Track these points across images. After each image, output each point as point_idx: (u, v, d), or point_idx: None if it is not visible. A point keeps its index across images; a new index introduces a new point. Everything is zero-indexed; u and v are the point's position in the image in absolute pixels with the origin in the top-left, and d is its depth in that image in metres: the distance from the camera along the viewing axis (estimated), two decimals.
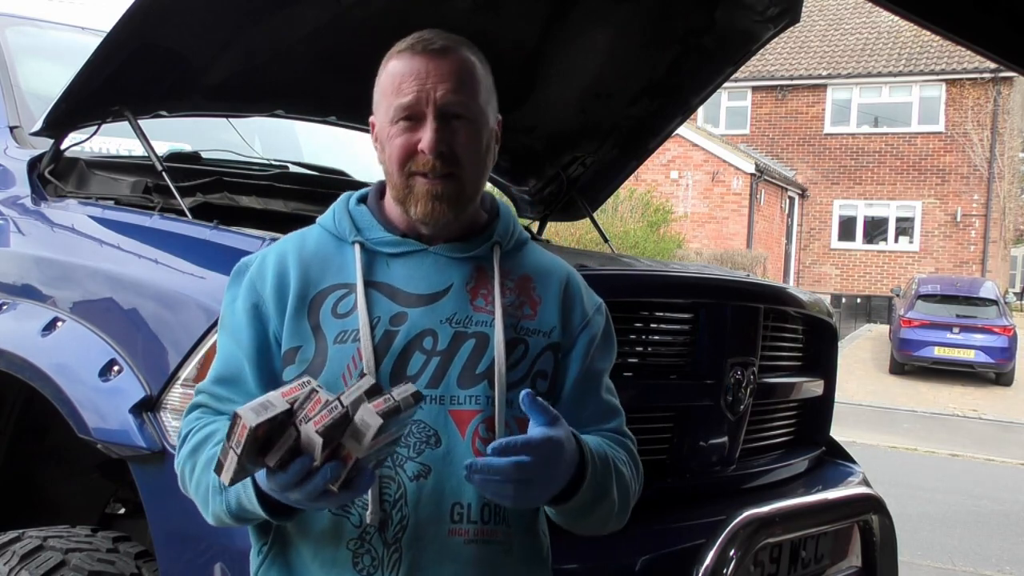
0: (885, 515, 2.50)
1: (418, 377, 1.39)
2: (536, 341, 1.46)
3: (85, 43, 2.81)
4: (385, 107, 1.45)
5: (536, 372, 1.46)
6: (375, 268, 1.45)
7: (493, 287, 1.46)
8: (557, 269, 1.55)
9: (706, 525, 2.11)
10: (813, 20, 24.94)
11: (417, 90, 1.41)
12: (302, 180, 3.16)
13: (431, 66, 1.42)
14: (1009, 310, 17.06)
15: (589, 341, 1.52)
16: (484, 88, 1.47)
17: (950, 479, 8.97)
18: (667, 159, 20.72)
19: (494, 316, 1.43)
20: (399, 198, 1.45)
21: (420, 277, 1.45)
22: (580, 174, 3.67)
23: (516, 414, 1.39)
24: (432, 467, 1.37)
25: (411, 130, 1.42)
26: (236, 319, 1.46)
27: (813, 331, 2.87)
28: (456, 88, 1.42)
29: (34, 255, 2.52)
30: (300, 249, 1.48)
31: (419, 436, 1.38)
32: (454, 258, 1.47)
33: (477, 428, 1.39)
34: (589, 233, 13.00)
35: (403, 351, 1.40)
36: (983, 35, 1.77)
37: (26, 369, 2.23)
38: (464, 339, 1.42)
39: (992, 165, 22.60)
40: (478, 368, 1.41)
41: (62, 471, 2.67)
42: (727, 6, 3.05)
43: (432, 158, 1.40)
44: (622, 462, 1.47)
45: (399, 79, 1.43)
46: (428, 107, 1.41)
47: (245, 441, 1.16)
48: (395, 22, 2.64)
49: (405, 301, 1.43)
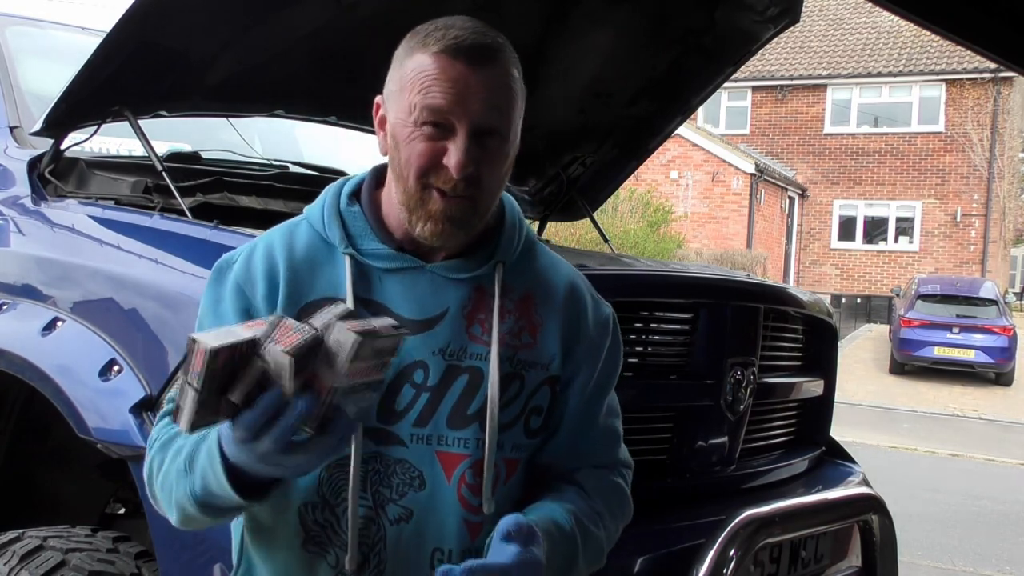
0: (885, 515, 2.50)
1: (406, 413, 1.32)
2: (533, 375, 1.37)
3: (85, 43, 2.81)
4: (407, 103, 1.28)
5: (531, 409, 1.38)
6: (367, 283, 1.34)
7: (492, 313, 1.35)
8: (562, 283, 1.44)
9: (706, 525, 2.11)
10: (813, 20, 24.94)
11: (452, 99, 1.26)
12: (302, 180, 3.16)
13: (470, 75, 1.26)
14: (1009, 310, 17.06)
15: (591, 369, 1.43)
16: (520, 101, 1.33)
17: (950, 479, 8.97)
18: (667, 159, 20.72)
19: (490, 348, 1.33)
20: (407, 205, 1.31)
21: (414, 299, 1.34)
22: (580, 174, 3.67)
23: (506, 455, 1.35)
24: (414, 511, 1.31)
25: (437, 138, 1.27)
26: (224, 322, 1.33)
27: (813, 331, 2.87)
28: (494, 103, 1.28)
29: (34, 255, 2.52)
30: (289, 252, 1.36)
31: (403, 477, 1.32)
32: (452, 279, 1.36)
33: (464, 474, 1.33)
34: (589, 233, 12.99)
35: (393, 383, 1.31)
36: (983, 35, 1.77)
37: (26, 369, 2.23)
38: (457, 373, 1.33)
39: (992, 165, 22.61)
40: (470, 408, 1.33)
41: (62, 471, 2.67)
42: (727, 6, 3.05)
43: (457, 178, 1.27)
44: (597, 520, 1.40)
45: (428, 79, 1.27)
46: (462, 121, 1.26)
47: (204, 370, 1.01)
48: (395, 22, 2.65)
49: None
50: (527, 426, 1.38)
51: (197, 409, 1.04)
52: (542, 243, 1.50)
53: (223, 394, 1.05)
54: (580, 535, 1.36)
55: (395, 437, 1.32)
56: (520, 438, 1.38)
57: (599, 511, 1.42)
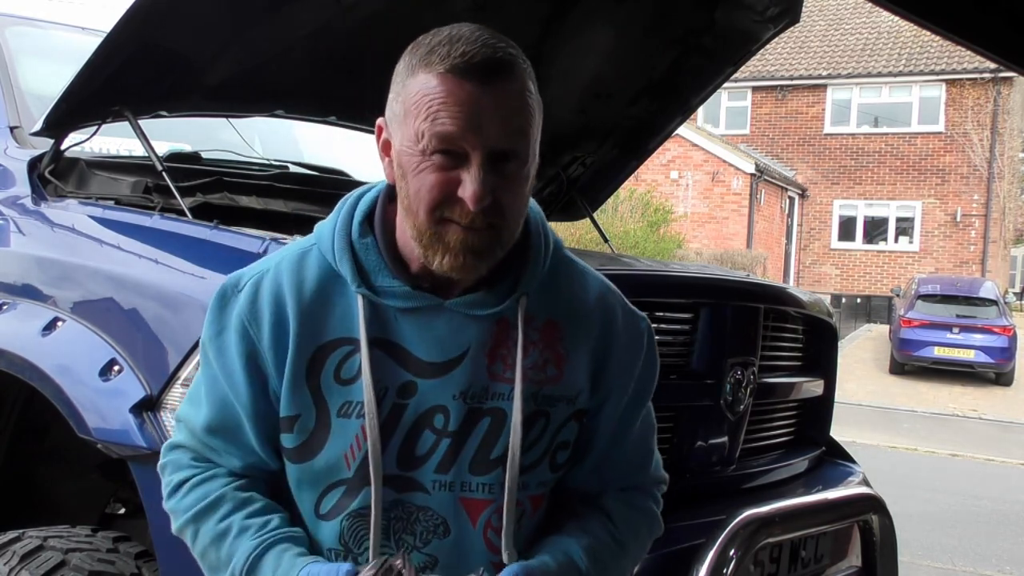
0: (885, 515, 2.50)
1: (427, 459, 1.26)
2: (559, 410, 1.30)
3: (85, 43, 2.81)
4: (413, 130, 1.17)
5: (557, 445, 1.32)
6: (382, 323, 1.26)
7: (515, 348, 1.26)
8: (591, 301, 1.34)
9: (706, 525, 2.11)
10: (813, 20, 24.94)
11: (463, 123, 1.14)
12: (302, 180, 3.16)
13: (482, 97, 1.15)
14: (1009, 310, 17.06)
15: (622, 391, 1.36)
16: (538, 116, 1.21)
17: (950, 479, 8.96)
18: (667, 159, 20.72)
19: (513, 386, 1.26)
20: (421, 241, 1.21)
21: (432, 339, 1.26)
22: (580, 174, 3.67)
23: (531, 493, 1.32)
24: (439, 558, 1.28)
25: (449, 168, 1.16)
26: (229, 363, 1.29)
27: (813, 331, 2.87)
28: (511, 125, 1.17)
29: (34, 255, 2.52)
30: (299, 287, 1.27)
31: (426, 524, 1.28)
32: (473, 315, 1.26)
33: (490, 518, 1.29)
34: (589, 233, 12.99)
35: (412, 429, 1.26)
36: (983, 35, 1.77)
37: (26, 369, 2.23)
38: (479, 416, 1.26)
39: (992, 165, 22.60)
40: (493, 453, 1.27)
41: (62, 471, 2.67)
42: (727, 6, 3.05)
43: (474, 211, 1.16)
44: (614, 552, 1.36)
45: (436, 103, 1.15)
46: (476, 148, 1.15)
47: None
48: (395, 22, 2.65)
49: (415, 368, 1.26)
50: (553, 462, 1.34)
51: None
52: (568, 253, 1.39)
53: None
54: (597, 572, 1.32)
55: (417, 484, 1.28)
56: (546, 475, 1.34)
57: (622, 541, 1.38)
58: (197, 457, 1.36)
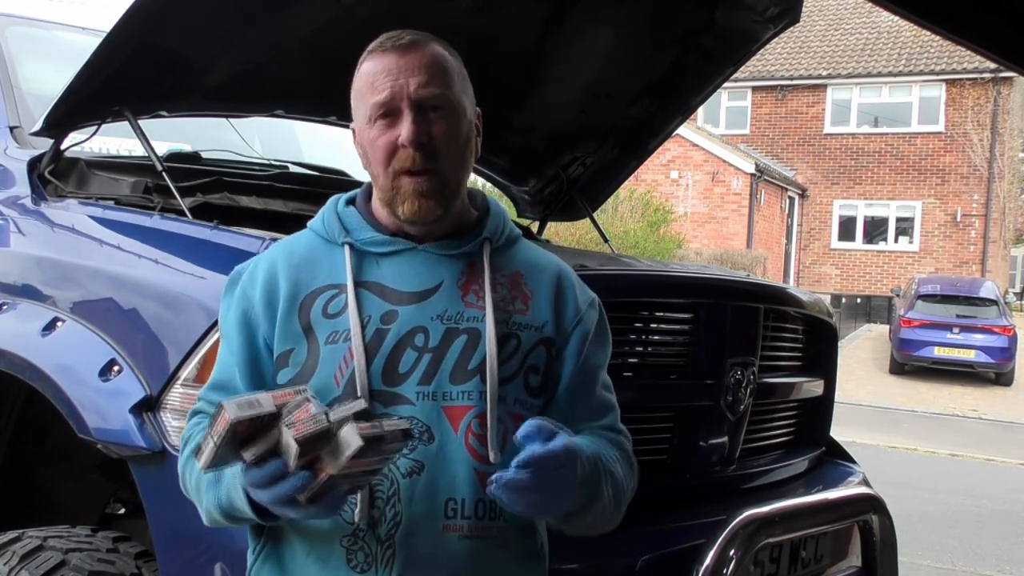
0: (885, 515, 2.50)
1: (410, 374, 1.39)
2: (528, 335, 1.46)
3: (85, 43, 2.81)
4: (363, 109, 1.44)
5: (528, 366, 1.45)
6: (365, 268, 1.45)
7: (484, 283, 1.45)
8: (548, 265, 1.55)
9: (706, 525, 2.11)
10: (813, 20, 24.94)
11: (391, 85, 1.41)
12: (302, 180, 3.16)
13: (402, 61, 1.42)
14: (1009, 310, 17.06)
15: (583, 337, 1.51)
16: (458, 78, 1.46)
17: (950, 479, 8.97)
18: (667, 159, 20.72)
19: (485, 311, 1.43)
20: (386, 200, 1.45)
21: (410, 275, 1.44)
22: (580, 174, 3.67)
23: (509, 409, 1.42)
24: (425, 463, 1.37)
25: (390, 127, 1.41)
26: (228, 327, 1.48)
27: (813, 331, 2.87)
28: (429, 80, 1.42)
29: (34, 255, 2.52)
30: (290, 254, 1.49)
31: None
32: (444, 255, 1.46)
33: (470, 424, 1.39)
34: (589, 233, 13.00)
35: (394, 348, 1.40)
36: (983, 35, 1.77)
37: (26, 369, 2.23)
38: (455, 335, 1.42)
39: (992, 165, 22.61)
40: (470, 364, 1.41)
41: (62, 471, 2.67)
42: (727, 6, 3.05)
43: (412, 151, 1.40)
44: (613, 461, 1.46)
45: (372, 78, 1.43)
46: (404, 101, 1.41)
47: (224, 433, 1.20)
48: (395, 22, 2.65)
49: (396, 299, 1.43)
50: (527, 382, 1.45)
51: (213, 457, 1.22)
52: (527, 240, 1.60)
53: (239, 448, 1.23)
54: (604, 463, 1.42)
55: (402, 397, 1.39)
56: (521, 393, 1.44)
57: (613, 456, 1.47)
58: (205, 416, 1.46)
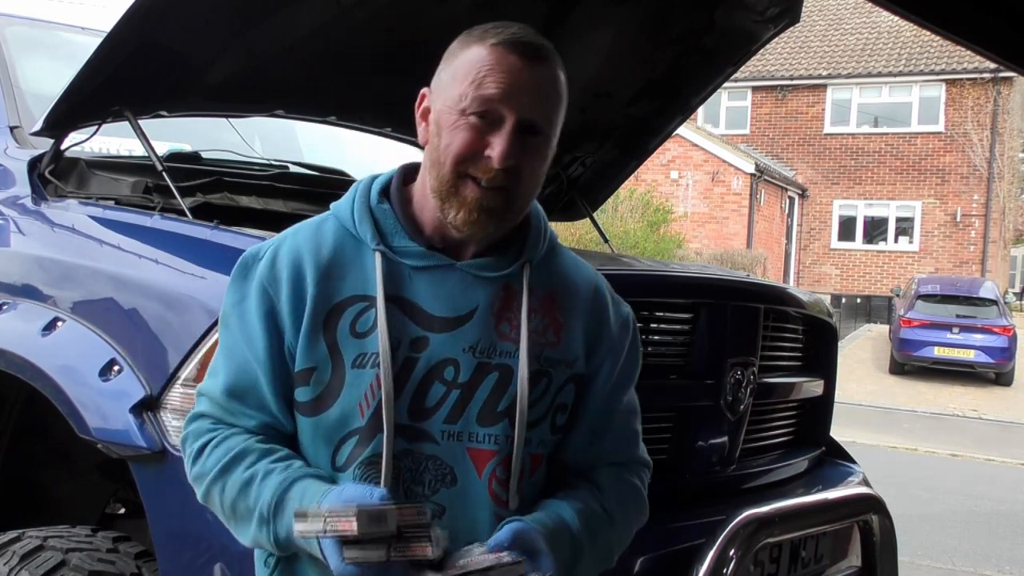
0: (885, 515, 2.50)
1: (437, 410, 1.33)
2: (559, 372, 1.40)
3: (85, 43, 2.81)
4: (457, 93, 1.31)
5: (556, 406, 1.41)
6: (396, 280, 1.35)
7: (520, 311, 1.37)
8: (583, 284, 1.47)
9: (706, 525, 2.11)
10: (813, 20, 24.94)
11: (503, 92, 1.29)
12: (302, 180, 3.16)
13: (525, 71, 1.30)
14: (1009, 310, 17.06)
15: (612, 366, 1.46)
16: (563, 107, 1.37)
17: (950, 479, 8.97)
18: (667, 159, 20.71)
19: (519, 346, 1.36)
20: (440, 193, 1.33)
21: (444, 296, 1.35)
22: (580, 174, 3.67)
23: (532, 451, 1.39)
24: (446, 507, 1.34)
25: (482, 130, 1.30)
26: (248, 324, 1.37)
27: (813, 331, 2.87)
28: (542, 104, 1.32)
29: (34, 255, 2.52)
30: (316, 251, 1.37)
31: (434, 473, 1.34)
32: (481, 277, 1.37)
33: (495, 469, 1.35)
34: (589, 233, 13.00)
35: (423, 380, 1.33)
36: (983, 35, 1.77)
37: (26, 369, 2.23)
38: (487, 371, 1.35)
39: (992, 165, 22.61)
40: (499, 406, 1.35)
41: (62, 471, 2.67)
42: (727, 6, 3.05)
43: (497, 169, 1.29)
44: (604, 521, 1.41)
45: (483, 69, 1.29)
46: (511, 113, 1.29)
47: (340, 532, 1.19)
48: (395, 22, 2.65)
49: (427, 323, 1.34)
50: (553, 423, 1.41)
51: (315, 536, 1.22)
52: (563, 245, 1.53)
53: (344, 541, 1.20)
54: (587, 536, 1.38)
55: (426, 434, 1.34)
56: (546, 434, 1.41)
57: (611, 513, 1.44)
58: (216, 422, 1.40)
